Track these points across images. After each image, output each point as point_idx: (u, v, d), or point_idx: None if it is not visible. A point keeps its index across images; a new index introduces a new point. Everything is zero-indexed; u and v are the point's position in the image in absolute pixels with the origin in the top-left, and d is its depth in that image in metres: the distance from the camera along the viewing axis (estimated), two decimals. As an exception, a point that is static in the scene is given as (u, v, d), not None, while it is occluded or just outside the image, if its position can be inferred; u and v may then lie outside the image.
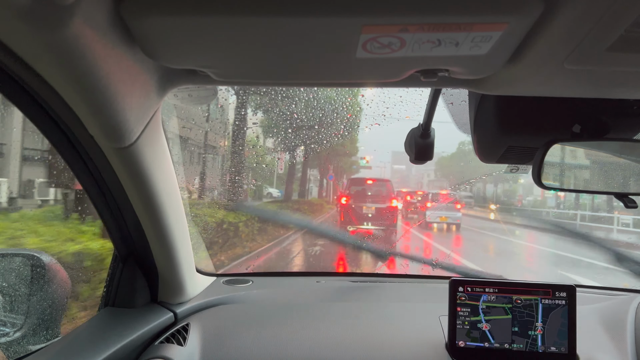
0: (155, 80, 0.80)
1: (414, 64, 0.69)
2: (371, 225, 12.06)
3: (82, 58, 0.61)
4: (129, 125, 0.82)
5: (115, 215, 1.10)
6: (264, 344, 1.19)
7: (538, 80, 0.72)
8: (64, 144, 0.91)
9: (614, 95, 0.81)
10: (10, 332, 1.09)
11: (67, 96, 0.73)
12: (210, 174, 10.27)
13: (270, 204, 13.55)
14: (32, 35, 0.56)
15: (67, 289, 1.18)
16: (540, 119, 0.96)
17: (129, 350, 1.05)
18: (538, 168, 0.92)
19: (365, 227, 11.96)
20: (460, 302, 1.20)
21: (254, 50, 0.65)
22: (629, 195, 0.97)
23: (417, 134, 1.11)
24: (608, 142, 0.95)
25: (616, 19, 0.54)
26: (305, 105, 9.84)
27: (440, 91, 1.00)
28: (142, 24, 0.58)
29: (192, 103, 1.10)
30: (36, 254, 1.14)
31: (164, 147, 1.06)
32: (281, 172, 18.00)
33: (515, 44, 0.62)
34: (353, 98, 10.99)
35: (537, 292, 1.18)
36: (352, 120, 11.51)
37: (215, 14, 0.55)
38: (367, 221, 12.03)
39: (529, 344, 1.16)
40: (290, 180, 15.97)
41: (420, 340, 1.23)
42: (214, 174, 10.97)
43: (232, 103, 10.20)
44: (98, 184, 1.02)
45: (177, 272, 1.25)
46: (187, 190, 7.97)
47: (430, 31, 0.57)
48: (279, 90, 8.46)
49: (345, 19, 0.55)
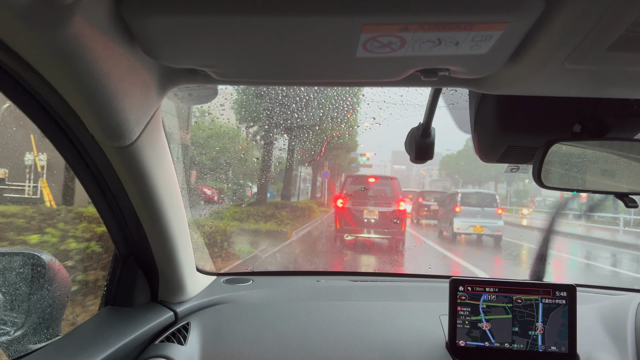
0: (155, 79, 0.80)
1: (414, 64, 0.69)
2: (374, 233, 10.04)
3: (82, 57, 0.61)
4: (129, 125, 0.82)
5: (116, 214, 1.10)
6: (264, 343, 1.19)
7: (538, 80, 0.72)
8: (64, 143, 0.91)
9: (614, 95, 0.81)
10: (11, 331, 1.09)
11: (67, 95, 0.73)
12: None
13: (234, 208, 10.49)
14: (32, 34, 0.56)
15: (67, 288, 1.18)
16: (540, 119, 0.96)
17: (129, 349, 1.05)
18: (538, 168, 0.92)
19: (366, 235, 10.01)
20: (460, 302, 1.20)
21: (254, 49, 0.65)
22: (629, 195, 0.97)
23: (417, 133, 1.11)
24: (608, 142, 0.95)
25: (616, 19, 0.54)
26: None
27: (441, 91, 1.00)
28: (142, 23, 0.57)
29: (192, 102, 1.10)
30: (36, 253, 1.14)
31: (164, 147, 1.06)
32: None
33: (515, 43, 0.62)
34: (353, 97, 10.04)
35: (537, 292, 1.18)
36: (351, 104, 9.88)
37: (215, 14, 0.55)
38: (368, 228, 9.97)
39: (529, 343, 1.16)
40: (265, 174, 12.45)
41: (421, 339, 1.23)
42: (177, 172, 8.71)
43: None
44: (98, 183, 1.03)
45: (177, 271, 1.25)
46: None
47: (431, 30, 0.57)
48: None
49: (346, 18, 0.55)
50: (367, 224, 9.93)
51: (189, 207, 5.62)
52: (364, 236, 9.96)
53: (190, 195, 7.46)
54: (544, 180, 0.95)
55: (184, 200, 1.23)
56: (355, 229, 9.84)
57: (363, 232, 9.90)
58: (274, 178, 13.77)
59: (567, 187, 1.02)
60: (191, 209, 6.64)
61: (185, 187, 5.72)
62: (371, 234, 10.02)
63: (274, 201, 13.36)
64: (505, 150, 1.04)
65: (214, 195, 11.23)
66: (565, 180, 1.00)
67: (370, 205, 10.13)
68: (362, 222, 9.92)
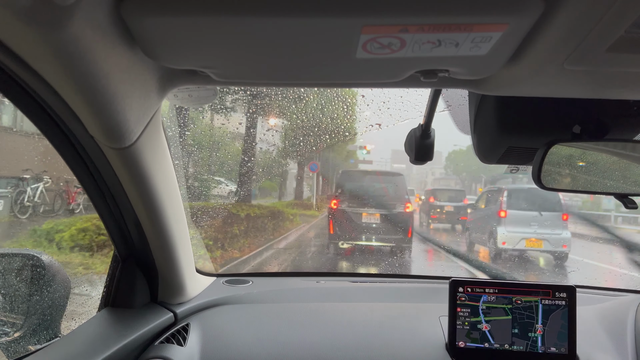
0: (155, 80, 0.80)
1: (414, 65, 0.69)
2: (375, 240, 8.20)
3: (82, 58, 0.61)
4: (129, 126, 0.82)
5: (115, 215, 1.10)
6: (264, 344, 1.19)
7: (538, 81, 0.72)
8: (64, 144, 0.91)
9: (614, 96, 0.81)
10: (10, 332, 1.09)
11: (67, 96, 0.73)
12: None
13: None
14: (32, 35, 0.56)
15: (67, 289, 1.18)
16: (540, 120, 0.96)
17: (128, 350, 1.04)
18: (538, 169, 0.92)
19: (366, 242, 8.28)
20: (460, 303, 1.20)
21: (254, 50, 0.65)
22: (629, 195, 0.97)
23: (417, 134, 1.11)
24: (608, 143, 0.95)
25: (616, 20, 0.54)
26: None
27: (441, 91, 1.00)
28: (142, 24, 0.58)
29: (192, 103, 1.10)
30: (36, 254, 1.14)
31: (164, 148, 1.06)
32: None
33: (515, 44, 0.62)
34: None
35: (537, 293, 1.18)
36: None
37: (215, 14, 0.55)
38: (367, 234, 8.21)
39: (528, 345, 1.16)
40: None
41: (420, 340, 1.23)
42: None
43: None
44: (98, 184, 1.02)
45: (177, 272, 1.25)
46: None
47: (431, 32, 0.57)
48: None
49: (345, 19, 0.55)
50: (365, 229, 8.25)
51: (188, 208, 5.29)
52: (362, 243, 8.29)
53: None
54: (543, 181, 0.95)
55: (184, 200, 1.23)
56: (352, 235, 8.16)
57: (361, 239, 8.22)
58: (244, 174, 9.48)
59: (567, 188, 1.02)
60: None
61: (185, 187, 5.45)
62: (372, 241, 8.28)
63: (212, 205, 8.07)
64: (505, 152, 1.04)
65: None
66: (565, 182, 1.00)
67: (369, 206, 8.40)
68: (360, 227, 8.23)
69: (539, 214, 7.99)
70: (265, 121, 9.81)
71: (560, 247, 7.68)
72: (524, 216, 8.05)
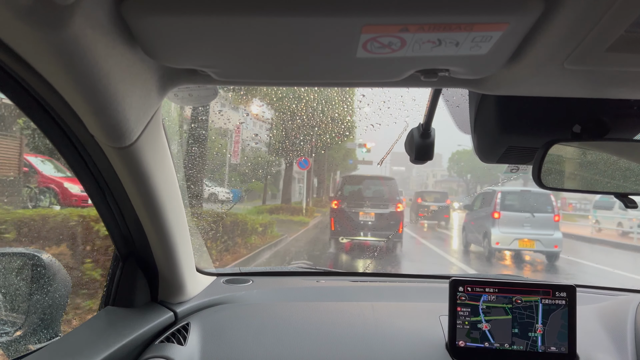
0: (155, 79, 0.80)
1: (415, 64, 0.69)
2: (370, 235, 9.60)
3: (83, 58, 0.61)
4: (129, 125, 0.82)
5: (116, 214, 1.10)
6: (264, 343, 1.19)
7: (538, 81, 0.73)
8: (64, 144, 0.91)
9: (614, 96, 0.81)
10: (11, 331, 1.09)
11: (67, 96, 0.73)
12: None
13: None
14: (32, 35, 0.56)
15: (67, 288, 1.18)
16: (540, 119, 0.96)
17: (129, 349, 1.05)
18: (538, 168, 0.92)
19: (363, 237, 9.61)
20: (460, 302, 1.20)
21: (254, 50, 0.65)
22: (629, 195, 0.97)
23: (417, 134, 1.11)
24: (608, 143, 0.95)
25: (616, 20, 0.54)
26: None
27: (441, 91, 1.00)
28: (142, 24, 0.58)
29: (192, 103, 1.10)
30: (36, 254, 1.14)
31: (164, 147, 1.06)
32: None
33: (515, 44, 0.62)
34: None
35: (537, 292, 1.18)
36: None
37: (216, 14, 0.55)
38: (364, 230, 9.57)
39: (528, 344, 1.16)
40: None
41: (420, 340, 1.23)
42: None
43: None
44: (98, 183, 1.03)
45: (177, 272, 1.25)
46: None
47: (431, 31, 0.57)
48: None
49: (346, 18, 0.55)
50: (362, 225, 9.49)
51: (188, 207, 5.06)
52: (359, 238, 9.47)
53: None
54: (543, 181, 0.95)
55: (184, 200, 1.23)
56: (351, 231, 9.34)
57: (359, 234, 9.39)
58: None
59: (567, 187, 1.02)
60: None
61: (185, 187, 5.20)
62: (368, 236, 9.52)
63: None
64: (505, 151, 1.04)
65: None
66: (565, 181, 1.00)
67: (366, 206, 9.63)
68: (358, 224, 9.41)
69: (532, 216, 8.36)
70: (245, 111, 8.59)
71: (551, 248, 8.05)
72: (517, 217, 8.42)
